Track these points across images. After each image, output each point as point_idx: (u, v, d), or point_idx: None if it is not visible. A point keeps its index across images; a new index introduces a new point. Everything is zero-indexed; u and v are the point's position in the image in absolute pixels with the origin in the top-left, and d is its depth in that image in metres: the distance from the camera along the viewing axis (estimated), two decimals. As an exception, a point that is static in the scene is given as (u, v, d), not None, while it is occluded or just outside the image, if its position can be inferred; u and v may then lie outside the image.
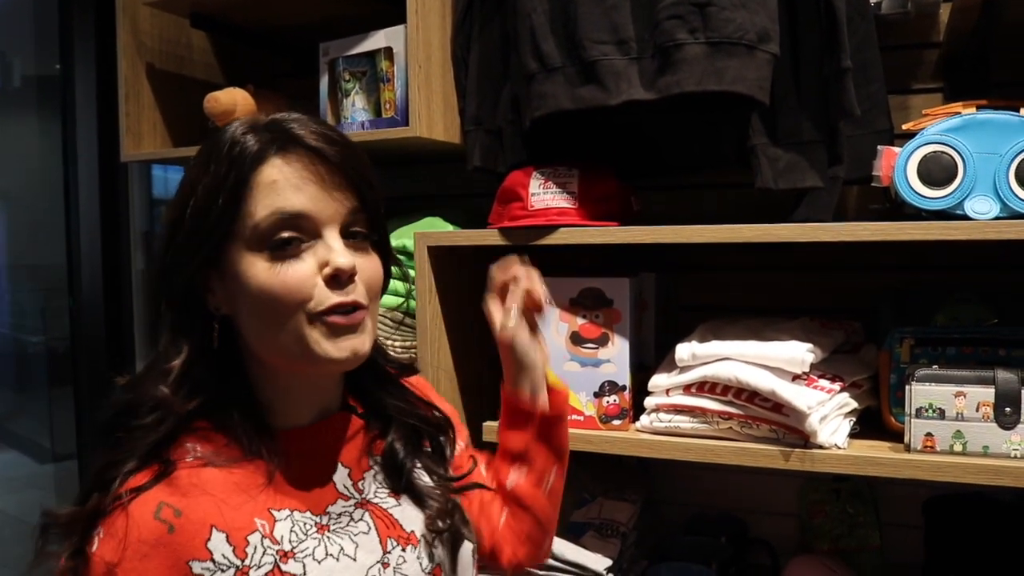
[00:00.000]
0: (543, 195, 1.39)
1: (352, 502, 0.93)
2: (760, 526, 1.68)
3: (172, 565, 0.78)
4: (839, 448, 1.24)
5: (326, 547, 0.87)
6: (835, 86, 1.31)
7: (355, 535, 0.90)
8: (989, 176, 1.18)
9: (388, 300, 1.52)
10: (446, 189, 1.88)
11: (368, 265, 0.87)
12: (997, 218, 1.17)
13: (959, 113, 1.23)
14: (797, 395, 1.22)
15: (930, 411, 1.20)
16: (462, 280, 1.52)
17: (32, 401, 3.58)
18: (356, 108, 1.61)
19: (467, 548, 0.99)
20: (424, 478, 1.00)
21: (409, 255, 1.49)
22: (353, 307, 0.84)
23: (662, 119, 1.43)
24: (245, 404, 0.87)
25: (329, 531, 0.88)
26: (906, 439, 1.22)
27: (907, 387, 1.22)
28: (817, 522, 1.61)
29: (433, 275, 1.45)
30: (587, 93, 1.31)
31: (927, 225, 1.17)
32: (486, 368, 1.57)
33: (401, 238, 1.54)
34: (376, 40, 1.57)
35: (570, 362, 1.41)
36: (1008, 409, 1.17)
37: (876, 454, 1.22)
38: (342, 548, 0.88)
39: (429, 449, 1.03)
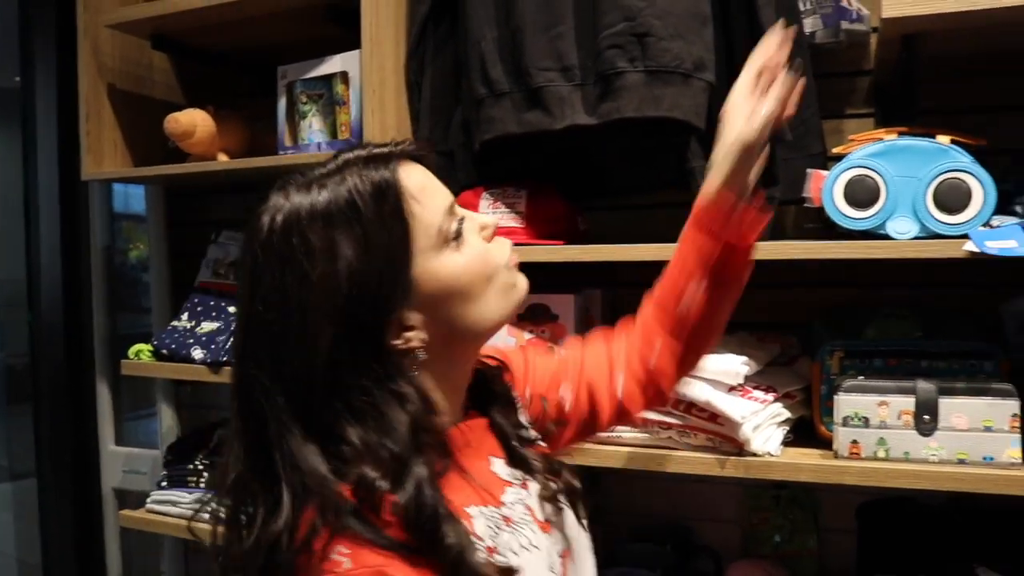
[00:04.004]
0: (492, 215, 1.45)
1: (516, 487, 0.93)
2: (705, 533, 1.74)
3: None
4: (771, 456, 1.31)
5: (518, 540, 0.88)
6: (769, 112, 1.38)
7: (530, 522, 0.91)
8: (909, 198, 1.25)
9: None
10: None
11: None
12: (917, 238, 1.25)
13: (881, 139, 1.30)
14: (731, 405, 1.28)
15: (856, 420, 1.27)
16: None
17: (-12, 418, 3.56)
18: (313, 130, 1.66)
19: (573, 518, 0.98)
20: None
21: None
22: None
23: (605, 143, 1.49)
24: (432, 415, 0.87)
25: (513, 523, 0.89)
26: (834, 446, 1.29)
27: (835, 397, 1.29)
28: (758, 528, 1.68)
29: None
30: (533, 118, 1.38)
31: (850, 244, 1.24)
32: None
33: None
34: (332, 64, 1.63)
35: (519, 375, 1.46)
36: (927, 417, 1.24)
37: (806, 461, 1.29)
38: (528, 539, 0.89)
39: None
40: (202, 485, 1.85)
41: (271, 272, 0.81)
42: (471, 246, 0.88)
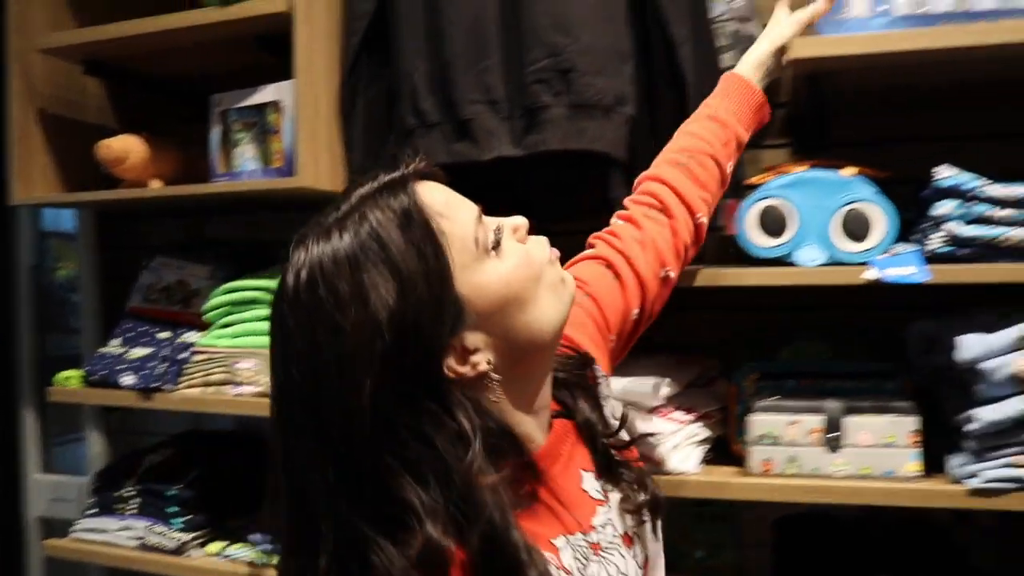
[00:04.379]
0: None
1: (605, 506, 0.90)
2: (631, 550, 1.79)
3: None
4: (689, 474, 1.36)
5: (607, 569, 0.86)
6: (687, 144, 1.45)
7: (619, 545, 0.89)
8: (817, 227, 1.33)
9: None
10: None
11: None
12: (824, 265, 1.32)
13: (792, 171, 1.38)
14: (649, 426, 1.34)
15: (768, 438, 1.34)
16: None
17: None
18: (246, 157, 1.69)
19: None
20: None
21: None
22: None
23: (531, 173, 1.54)
24: (513, 443, 0.83)
25: (602, 550, 0.87)
26: (748, 464, 1.35)
27: (748, 417, 1.35)
28: (681, 544, 1.74)
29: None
30: (461, 148, 1.43)
31: (759, 272, 1.31)
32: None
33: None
34: (265, 94, 1.65)
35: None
36: (834, 434, 1.31)
37: (721, 479, 1.35)
38: (617, 567, 0.87)
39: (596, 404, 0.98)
40: (130, 513, 1.84)
41: (301, 332, 0.76)
42: (511, 250, 0.84)
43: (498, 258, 0.83)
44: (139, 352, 1.84)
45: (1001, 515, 1.32)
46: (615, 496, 0.93)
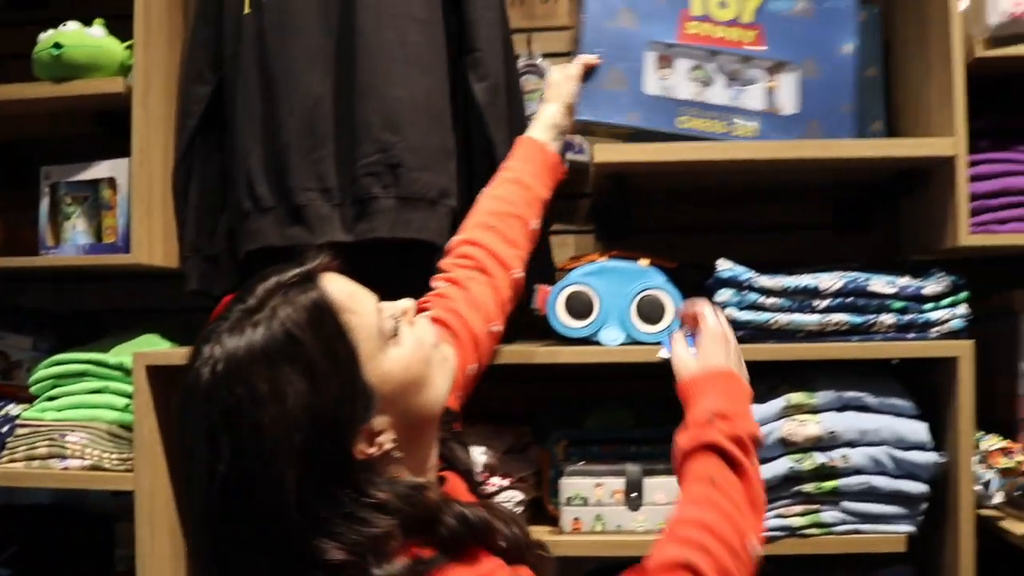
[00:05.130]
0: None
1: None
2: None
3: None
4: (507, 534, 1.48)
5: None
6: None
7: None
8: (617, 311, 1.49)
9: (105, 414, 1.59)
10: (166, 304, 1.96)
11: None
12: (624, 344, 1.49)
13: (595, 260, 1.54)
14: (471, 492, 1.45)
15: (577, 500, 1.49)
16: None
17: None
18: (77, 231, 1.70)
19: None
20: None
21: (128, 372, 1.58)
22: None
23: (361, 256, 1.64)
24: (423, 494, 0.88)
25: None
26: (560, 523, 1.50)
27: (559, 481, 1.49)
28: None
29: (151, 392, 1.55)
30: (294, 233, 1.51)
31: (568, 350, 1.47)
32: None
33: (120, 356, 1.63)
34: (100, 170, 1.68)
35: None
36: (634, 494, 1.48)
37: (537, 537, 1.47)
38: None
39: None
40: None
41: (223, 428, 0.79)
42: (406, 335, 0.91)
43: (397, 344, 0.90)
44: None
45: (776, 559, 1.51)
46: None
